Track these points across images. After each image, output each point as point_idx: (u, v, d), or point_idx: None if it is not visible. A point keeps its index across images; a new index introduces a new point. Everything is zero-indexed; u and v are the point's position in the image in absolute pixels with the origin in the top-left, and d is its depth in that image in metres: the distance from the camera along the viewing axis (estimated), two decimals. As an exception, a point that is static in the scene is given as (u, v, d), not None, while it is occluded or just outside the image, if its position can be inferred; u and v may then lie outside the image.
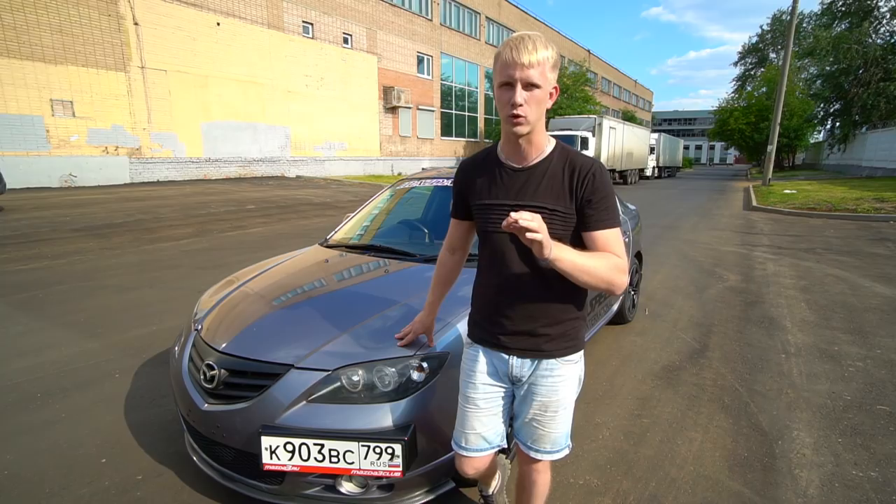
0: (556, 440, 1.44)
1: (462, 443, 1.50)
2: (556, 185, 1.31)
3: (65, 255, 6.25)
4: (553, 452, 1.45)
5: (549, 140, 1.36)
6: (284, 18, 18.57)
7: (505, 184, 1.36)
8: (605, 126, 22.10)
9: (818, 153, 38.65)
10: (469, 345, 1.52)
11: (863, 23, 24.46)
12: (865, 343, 3.76)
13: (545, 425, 1.42)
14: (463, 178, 1.48)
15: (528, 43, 1.19)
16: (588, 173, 1.29)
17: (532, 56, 1.18)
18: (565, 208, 1.30)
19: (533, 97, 1.22)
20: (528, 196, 1.32)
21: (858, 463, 2.29)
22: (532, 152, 1.33)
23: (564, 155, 1.34)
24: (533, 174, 1.33)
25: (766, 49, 45.37)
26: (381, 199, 3.50)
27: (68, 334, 3.73)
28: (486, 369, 1.46)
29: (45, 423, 2.55)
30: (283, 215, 10.02)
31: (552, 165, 1.32)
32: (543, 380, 1.40)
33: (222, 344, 1.92)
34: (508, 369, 1.43)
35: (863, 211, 10.96)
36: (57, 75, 13.09)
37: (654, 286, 5.37)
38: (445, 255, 1.65)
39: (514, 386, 1.47)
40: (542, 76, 1.21)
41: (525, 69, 1.19)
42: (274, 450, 1.63)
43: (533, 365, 1.41)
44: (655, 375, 3.22)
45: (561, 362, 1.40)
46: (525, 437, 1.47)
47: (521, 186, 1.34)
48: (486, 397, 1.47)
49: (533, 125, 1.26)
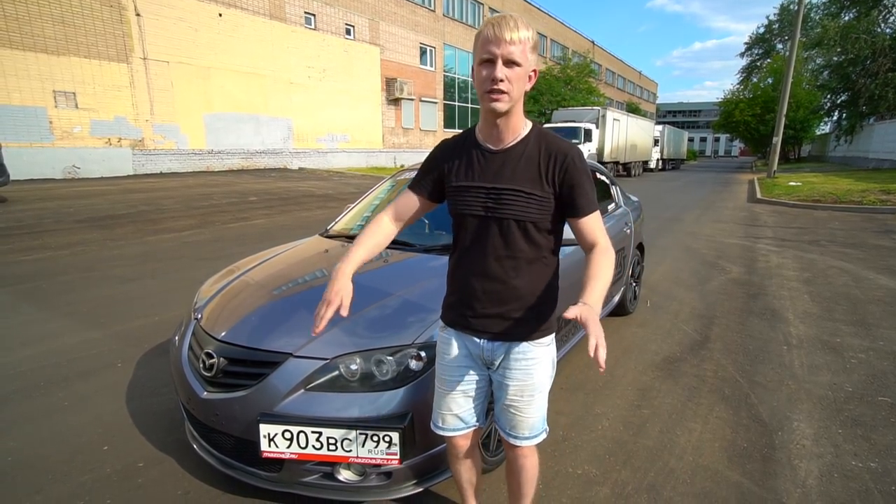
0: (534, 425, 1.46)
1: (439, 423, 1.53)
2: (533, 168, 1.30)
3: (68, 245, 6.27)
4: (531, 438, 1.47)
5: (525, 123, 1.35)
6: (286, 9, 18.45)
7: (482, 166, 1.35)
8: (609, 118, 21.93)
9: (824, 145, 38.28)
10: (443, 328, 1.52)
11: (871, 11, 24.08)
12: (868, 335, 3.74)
13: (522, 410, 1.43)
14: (440, 156, 1.44)
15: (509, 21, 1.21)
16: (566, 158, 1.29)
17: (514, 34, 1.19)
18: (542, 192, 1.30)
19: (514, 74, 1.22)
20: (505, 179, 1.31)
21: (858, 454, 2.28)
22: (509, 134, 1.32)
23: (541, 138, 1.33)
24: (509, 156, 1.32)
25: (773, 39, 44.77)
26: (382, 189, 3.48)
27: (71, 324, 3.75)
28: (459, 352, 1.47)
29: (48, 411, 2.57)
30: (285, 207, 10.02)
31: (528, 148, 1.32)
32: (517, 363, 1.40)
33: (221, 333, 1.93)
34: (480, 352, 1.44)
35: (868, 203, 10.87)
36: (59, 66, 13.07)
37: (657, 278, 5.35)
38: (387, 219, 1.50)
39: (489, 370, 1.48)
40: (522, 54, 1.21)
41: (507, 45, 1.19)
42: (272, 437, 1.64)
43: (504, 348, 1.41)
44: (656, 366, 3.21)
45: (532, 345, 1.40)
46: (504, 424, 1.49)
47: (498, 169, 1.33)
48: (459, 380, 1.48)
49: (513, 103, 1.26)
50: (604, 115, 21.67)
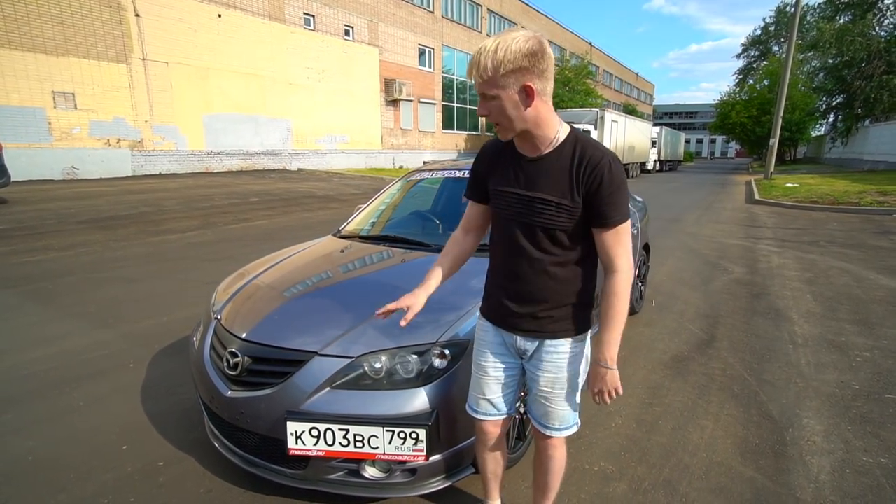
0: (565, 417, 1.51)
1: (475, 406, 1.60)
2: (565, 177, 1.32)
3: (71, 246, 6.26)
4: (562, 430, 1.52)
5: (559, 129, 1.34)
6: (286, 10, 18.44)
7: (518, 173, 1.39)
8: (608, 119, 22.02)
9: (820, 147, 38.49)
10: (481, 316, 1.59)
11: (866, 14, 24.29)
12: (872, 334, 3.79)
13: (553, 402, 1.48)
14: (483, 161, 1.53)
15: (474, 60, 1.24)
16: (598, 166, 1.29)
17: (476, 70, 1.24)
18: (571, 201, 1.32)
19: (495, 105, 1.27)
20: (538, 187, 1.35)
21: (868, 450, 2.32)
22: (540, 145, 1.35)
23: (577, 145, 1.33)
24: (543, 165, 1.35)
25: (769, 42, 45.09)
26: (392, 191, 3.51)
27: (80, 325, 3.75)
28: (495, 340, 1.54)
29: (64, 411, 2.58)
30: (286, 208, 10.02)
31: (563, 156, 1.33)
32: (548, 356, 1.46)
33: (245, 332, 1.94)
34: (514, 342, 1.50)
35: (865, 204, 10.96)
36: (58, 67, 13.02)
37: (661, 278, 5.39)
38: (459, 233, 1.65)
39: (522, 360, 1.53)
40: (493, 86, 1.24)
41: (477, 85, 1.27)
42: (299, 435, 1.66)
43: (536, 343, 1.47)
44: (665, 365, 3.25)
45: (565, 341, 1.45)
46: (536, 413, 1.54)
47: (532, 177, 1.36)
48: (494, 366, 1.54)
49: (514, 129, 1.31)
50: (602, 117, 21.75)
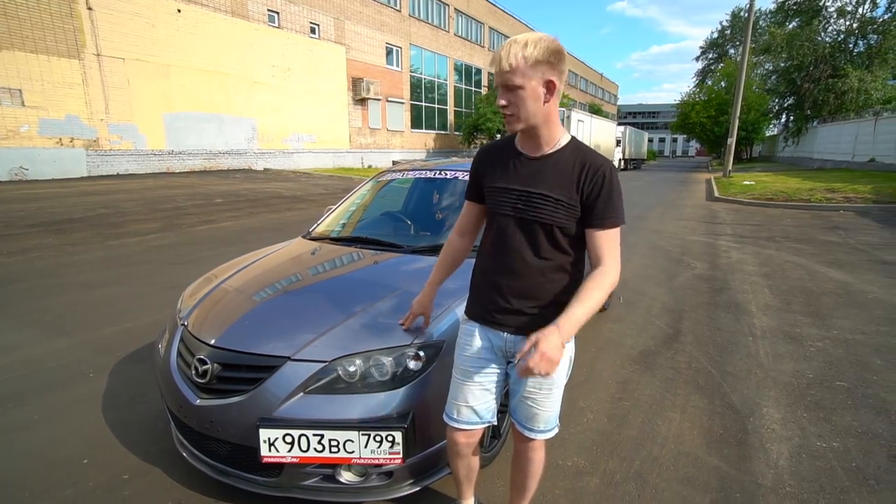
0: (549, 419, 1.53)
1: (454, 414, 1.57)
2: (566, 175, 1.38)
3: (21, 251, 5.94)
4: (546, 431, 1.54)
5: (563, 134, 1.42)
6: (249, 6, 17.99)
7: (518, 171, 1.43)
8: (574, 119, 22.47)
9: (773, 146, 40.29)
10: (465, 321, 1.59)
11: (812, 21, 25.61)
12: (823, 325, 4.00)
13: (539, 404, 1.50)
14: (481, 161, 1.55)
15: (505, 48, 1.28)
16: (599, 170, 1.36)
17: (508, 60, 1.27)
18: (570, 199, 1.37)
19: (517, 97, 1.30)
20: (537, 184, 1.39)
21: (822, 435, 2.45)
22: (544, 144, 1.40)
23: (578, 150, 1.41)
24: (545, 164, 1.40)
25: (725, 45, 46.90)
26: (362, 191, 3.48)
27: (35, 334, 3.57)
28: (482, 344, 1.53)
29: (20, 425, 2.45)
30: (253, 209, 9.79)
31: (564, 157, 1.39)
32: None
33: (214, 338, 1.89)
34: (503, 344, 1.50)
35: (816, 201, 11.55)
36: (3, 61, 12.31)
37: (627, 275, 5.53)
38: (455, 237, 1.70)
39: (508, 364, 1.54)
40: (522, 77, 1.27)
41: (502, 74, 1.29)
42: (273, 442, 1.62)
43: (525, 342, 1.45)
44: (633, 360, 3.34)
45: None
46: (520, 416, 1.55)
47: (532, 174, 1.41)
48: (479, 371, 1.53)
49: (525, 122, 1.34)
50: (569, 117, 22.18)
